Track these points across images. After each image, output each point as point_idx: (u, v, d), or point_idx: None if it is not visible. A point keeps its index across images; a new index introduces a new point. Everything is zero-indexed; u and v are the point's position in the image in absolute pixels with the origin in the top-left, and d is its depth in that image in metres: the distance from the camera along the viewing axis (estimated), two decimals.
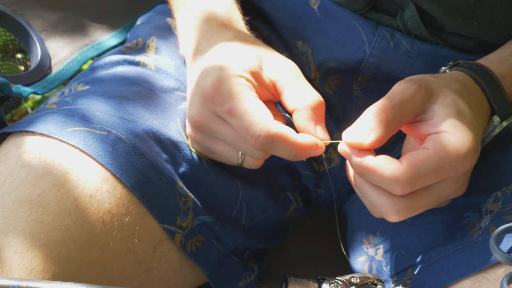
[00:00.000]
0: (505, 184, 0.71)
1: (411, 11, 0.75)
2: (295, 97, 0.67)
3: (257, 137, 0.63)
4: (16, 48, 1.02)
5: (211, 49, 0.71)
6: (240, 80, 0.66)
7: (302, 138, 0.65)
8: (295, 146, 0.64)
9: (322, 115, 0.68)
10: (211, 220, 0.75)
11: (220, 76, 0.65)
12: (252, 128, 0.63)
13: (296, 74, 0.69)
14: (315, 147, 0.65)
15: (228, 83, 0.65)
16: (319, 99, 0.67)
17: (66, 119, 0.70)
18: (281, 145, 0.64)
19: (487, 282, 0.64)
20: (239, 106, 0.64)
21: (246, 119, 0.63)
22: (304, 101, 0.67)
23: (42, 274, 0.61)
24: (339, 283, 0.62)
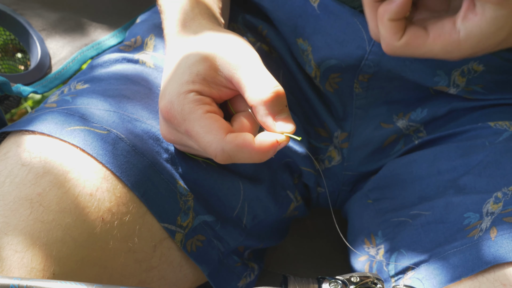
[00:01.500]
0: (505, 185, 0.71)
1: None
2: (250, 94, 0.64)
3: (215, 157, 0.63)
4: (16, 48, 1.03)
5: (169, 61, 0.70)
6: (188, 97, 0.64)
7: (258, 142, 0.63)
8: (254, 152, 0.63)
9: (281, 105, 0.64)
10: (212, 219, 0.75)
11: (170, 98, 0.65)
12: (207, 149, 0.63)
13: (249, 66, 0.65)
14: (276, 144, 0.63)
15: (178, 104, 0.64)
16: (274, 90, 0.63)
17: (66, 118, 0.70)
18: (241, 156, 0.63)
19: (487, 282, 0.65)
20: (192, 128, 0.64)
21: (200, 141, 0.63)
22: (258, 97, 0.64)
23: (42, 273, 0.61)
24: (339, 282, 0.62)
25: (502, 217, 0.68)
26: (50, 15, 1.01)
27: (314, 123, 0.88)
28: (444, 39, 0.64)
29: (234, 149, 0.62)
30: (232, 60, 0.65)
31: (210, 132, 0.63)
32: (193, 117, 0.63)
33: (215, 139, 0.62)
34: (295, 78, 0.87)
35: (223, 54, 0.66)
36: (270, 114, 0.64)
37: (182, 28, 0.72)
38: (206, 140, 0.63)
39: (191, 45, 0.69)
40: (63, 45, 0.98)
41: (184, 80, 0.65)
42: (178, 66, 0.67)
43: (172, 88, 0.65)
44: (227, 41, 0.68)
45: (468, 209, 0.72)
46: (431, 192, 0.77)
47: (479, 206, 0.71)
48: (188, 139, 0.66)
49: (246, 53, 0.66)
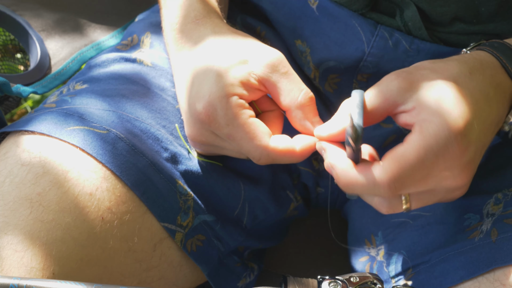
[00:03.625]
0: (506, 186, 0.71)
1: (412, 12, 0.75)
2: (285, 97, 0.68)
3: (258, 160, 0.66)
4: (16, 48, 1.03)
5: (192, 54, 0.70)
6: (232, 101, 0.65)
7: (300, 145, 0.67)
8: (296, 155, 0.67)
9: (314, 111, 0.68)
10: (212, 219, 0.75)
11: (211, 100, 0.65)
12: (251, 153, 0.66)
13: (283, 70, 0.68)
14: (314, 147, 0.67)
15: (221, 108, 0.65)
16: (308, 96, 0.67)
17: (65, 118, 0.70)
18: (283, 159, 0.67)
19: (487, 282, 0.65)
20: (236, 133, 0.65)
21: (245, 145, 0.66)
22: (295, 101, 0.67)
23: (42, 272, 0.61)
24: (338, 283, 0.62)
25: (503, 219, 0.68)
26: (49, 16, 1.01)
27: None
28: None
29: (279, 155, 0.66)
30: (266, 64, 0.67)
31: (255, 138, 0.65)
32: (238, 122, 0.65)
33: (260, 146, 0.65)
34: None
35: (255, 58, 0.68)
36: (307, 118, 0.67)
37: (194, 25, 0.73)
38: (251, 146, 0.65)
39: (218, 47, 0.69)
40: (63, 45, 0.98)
41: (225, 83, 0.66)
42: (210, 68, 0.67)
43: (211, 90, 0.66)
44: (254, 45, 0.70)
45: (469, 210, 0.72)
46: None
47: (480, 207, 0.71)
48: (223, 141, 0.68)
49: (277, 57, 0.68)
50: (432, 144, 0.58)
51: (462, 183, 0.62)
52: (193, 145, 0.73)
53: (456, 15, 0.75)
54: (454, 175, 0.60)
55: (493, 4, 0.73)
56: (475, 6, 0.73)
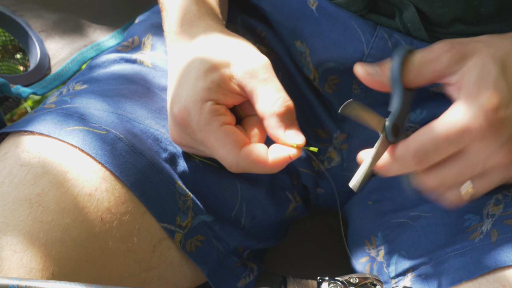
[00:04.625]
0: (506, 187, 0.71)
1: (411, 13, 0.75)
2: (261, 105, 0.66)
3: (230, 168, 0.66)
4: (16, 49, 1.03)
5: (179, 58, 0.70)
6: (205, 106, 0.65)
7: (272, 158, 0.65)
8: (269, 166, 0.66)
9: (291, 119, 0.67)
10: (211, 219, 0.75)
11: (186, 104, 0.65)
12: (223, 161, 0.66)
13: (262, 77, 0.66)
14: (288, 159, 0.66)
15: (195, 113, 0.65)
16: (285, 105, 0.66)
17: (64, 118, 0.70)
18: (255, 169, 0.66)
19: (487, 283, 0.65)
20: (207, 139, 0.65)
21: (215, 153, 0.66)
22: (270, 109, 0.66)
23: (41, 273, 0.61)
24: (338, 283, 0.61)
25: (503, 220, 0.68)
26: (49, 16, 1.01)
27: (313, 124, 0.88)
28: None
29: (248, 165, 0.65)
30: (247, 69, 0.66)
31: (225, 146, 0.65)
32: (209, 129, 0.65)
33: (230, 154, 0.65)
34: (294, 80, 0.87)
35: (237, 62, 0.67)
36: (281, 126, 0.66)
37: (188, 26, 0.72)
38: (221, 153, 0.65)
39: (203, 48, 0.69)
40: (63, 46, 0.98)
41: (200, 87, 0.65)
42: (191, 69, 0.67)
43: (187, 93, 0.66)
44: (241, 48, 0.69)
45: (469, 211, 0.72)
46: None
47: (480, 208, 0.71)
48: (200, 145, 0.68)
49: (260, 63, 0.67)
50: (459, 121, 0.60)
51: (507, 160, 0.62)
52: (181, 147, 0.73)
53: (455, 16, 0.75)
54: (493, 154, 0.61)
55: (492, 5, 0.73)
56: (474, 7, 0.73)
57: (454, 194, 0.64)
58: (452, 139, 0.60)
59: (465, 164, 0.62)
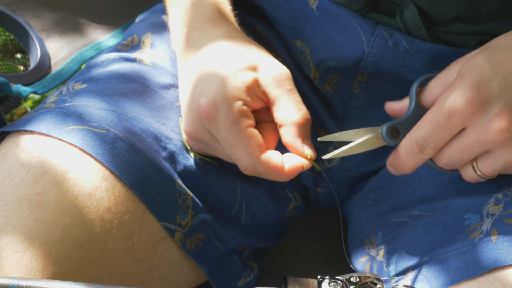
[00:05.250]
0: (506, 186, 0.71)
1: (412, 12, 0.75)
2: (283, 113, 0.69)
3: (245, 170, 0.68)
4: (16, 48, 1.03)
5: (203, 52, 0.71)
6: (235, 105, 0.66)
7: (289, 167, 0.69)
8: (284, 174, 0.69)
9: (308, 132, 0.71)
10: (211, 218, 0.75)
11: (215, 100, 0.66)
12: (240, 162, 0.67)
13: (288, 87, 0.70)
14: (301, 169, 0.70)
15: (224, 110, 0.66)
16: (306, 117, 0.70)
17: (64, 118, 0.70)
18: (269, 175, 0.68)
19: (487, 282, 0.64)
20: (231, 138, 0.66)
21: (235, 153, 0.67)
22: (291, 118, 0.69)
23: (42, 273, 0.61)
24: (338, 283, 0.61)
25: (502, 219, 0.68)
26: (49, 16, 1.01)
27: (314, 124, 0.88)
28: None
29: (265, 170, 0.67)
30: (274, 77, 0.69)
31: (247, 148, 0.66)
32: (235, 128, 0.66)
33: (250, 156, 0.67)
34: (294, 79, 0.86)
35: (264, 68, 0.70)
36: (299, 137, 0.69)
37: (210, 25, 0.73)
38: (242, 154, 0.67)
39: (231, 49, 0.70)
40: (63, 45, 0.98)
41: (231, 86, 0.67)
42: (219, 66, 0.68)
43: (217, 89, 0.66)
44: (265, 55, 0.71)
45: (469, 210, 0.71)
46: (432, 193, 0.77)
47: (480, 207, 0.71)
48: (217, 143, 0.69)
49: (285, 73, 0.71)
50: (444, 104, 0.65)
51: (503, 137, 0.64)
52: (188, 142, 0.73)
53: (456, 15, 0.75)
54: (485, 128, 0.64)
55: (493, 4, 0.73)
56: (475, 6, 0.73)
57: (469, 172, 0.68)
58: (442, 123, 0.64)
59: (462, 142, 0.65)
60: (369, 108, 0.85)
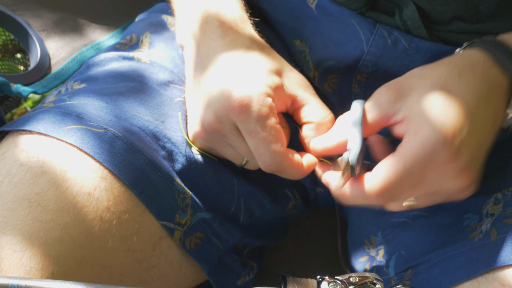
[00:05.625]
0: (505, 186, 0.71)
1: (411, 11, 0.75)
2: (314, 112, 0.72)
3: (268, 166, 0.68)
4: (16, 48, 1.03)
5: (229, 50, 0.71)
6: (268, 100, 0.67)
7: (306, 162, 0.70)
8: (302, 171, 0.70)
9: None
10: (210, 217, 0.75)
11: (249, 92, 0.66)
12: (265, 156, 0.67)
13: (312, 92, 0.73)
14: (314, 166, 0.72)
15: (257, 102, 0.66)
16: (332, 117, 0.72)
17: (62, 117, 0.70)
18: (289, 172, 0.69)
19: (486, 282, 0.65)
20: (260, 131, 0.66)
21: (263, 146, 0.67)
22: (323, 118, 0.71)
23: (41, 272, 0.61)
24: (338, 283, 0.61)
25: (502, 219, 0.68)
26: (49, 16, 1.01)
27: None
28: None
29: (289, 165, 0.68)
30: (299, 83, 0.73)
31: (276, 143, 0.67)
32: (267, 123, 0.66)
33: (277, 151, 0.67)
34: None
35: (290, 75, 0.72)
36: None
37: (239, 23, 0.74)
38: (269, 149, 0.67)
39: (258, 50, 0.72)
40: (63, 45, 0.98)
41: (265, 82, 0.68)
42: (249, 64, 0.69)
43: (250, 84, 0.67)
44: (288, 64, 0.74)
45: (468, 210, 0.72)
46: None
47: (479, 207, 0.71)
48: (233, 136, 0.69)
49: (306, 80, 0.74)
50: (419, 155, 0.61)
51: (464, 185, 0.64)
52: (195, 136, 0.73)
53: (455, 14, 0.75)
54: (451, 179, 0.62)
55: (492, 3, 0.73)
56: (474, 5, 0.73)
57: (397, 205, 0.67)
58: (414, 174, 0.61)
59: (422, 189, 0.63)
60: None
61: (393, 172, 0.61)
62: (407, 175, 0.61)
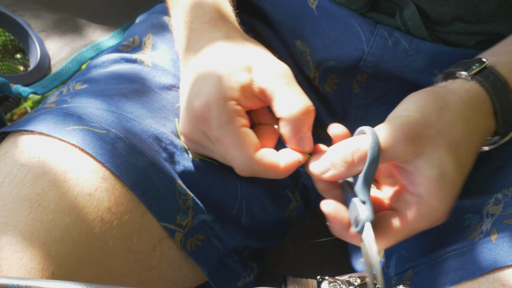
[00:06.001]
0: (506, 186, 0.71)
1: (411, 11, 0.75)
2: (281, 106, 0.66)
3: (240, 170, 0.66)
4: (16, 48, 1.03)
5: (201, 54, 0.70)
6: (229, 105, 0.65)
7: (284, 163, 0.66)
8: (280, 171, 0.66)
9: (308, 124, 0.67)
10: (211, 219, 0.75)
11: (208, 100, 0.65)
12: (235, 162, 0.66)
13: (285, 81, 0.67)
14: (298, 164, 0.67)
15: (217, 109, 0.65)
16: (305, 108, 0.65)
17: (64, 118, 0.70)
18: (266, 174, 0.67)
19: (487, 282, 0.64)
20: (225, 137, 0.65)
21: (230, 152, 0.65)
22: (290, 111, 0.65)
23: (41, 273, 0.61)
24: (338, 283, 0.61)
25: (502, 219, 0.68)
26: (49, 16, 1.01)
27: (314, 124, 0.87)
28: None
29: (261, 168, 0.66)
30: (269, 73, 0.67)
31: (241, 147, 0.65)
32: (228, 127, 0.65)
33: (244, 155, 0.65)
34: None
35: (259, 66, 0.68)
36: (297, 131, 0.66)
37: (210, 26, 0.73)
38: (236, 154, 0.65)
39: (227, 50, 0.69)
40: (62, 46, 0.98)
41: (226, 86, 0.66)
42: (214, 68, 0.67)
43: (211, 90, 0.66)
44: (262, 54, 0.69)
45: (469, 210, 0.71)
46: None
47: (479, 207, 0.71)
48: (212, 144, 0.68)
49: (281, 68, 0.68)
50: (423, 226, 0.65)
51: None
52: (186, 143, 0.73)
53: (456, 15, 0.75)
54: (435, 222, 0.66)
55: (492, 3, 0.73)
56: (474, 5, 0.73)
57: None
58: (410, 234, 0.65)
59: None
60: (369, 108, 0.85)
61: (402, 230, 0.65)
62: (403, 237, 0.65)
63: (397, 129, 0.63)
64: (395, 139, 0.62)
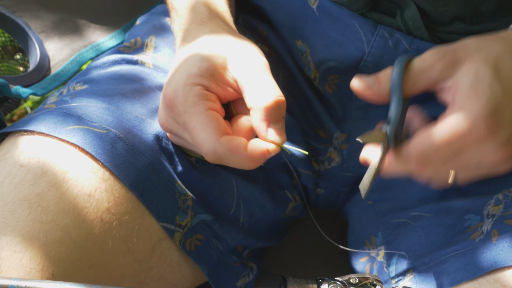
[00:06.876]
0: (506, 187, 0.71)
1: (412, 11, 0.75)
2: (252, 96, 0.65)
3: (206, 155, 0.64)
4: (15, 49, 1.03)
5: (182, 50, 0.71)
6: (194, 89, 0.65)
7: (250, 149, 0.64)
8: (245, 158, 0.64)
9: (279, 115, 0.65)
10: (210, 218, 0.75)
11: (175, 86, 0.65)
12: (200, 146, 0.64)
13: (258, 72, 0.66)
14: (267, 153, 0.65)
15: (182, 94, 0.65)
16: (275, 99, 0.64)
17: (64, 118, 0.70)
18: (232, 161, 0.64)
19: (487, 283, 0.65)
20: (190, 121, 0.64)
21: (195, 135, 0.64)
22: (260, 101, 0.65)
23: (41, 273, 0.61)
24: (338, 284, 0.61)
25: (503, 220, 0.68)
26: (49, 17, 1.01)
27: (314, 124, 0.88)
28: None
29: (225, 153, 0.63)
30: (242, 62, 0.66)
31: (205, 130, 0.63)
32: (193, 110, 0.64)
33: (209, 138, 0.63)
34: (295, 79, 0.88)
35: (234, 55, 0.67)
36: (266, 120, 0.65)
37: (198, 25, 0.73)
38: (201, 137, 0.64)
39: (205, 42, 0.69)
40: (62, 47, 0.98)
41: (193, 72, 0.66)
42: (189, 57, 0.68)
43: (180, 77, 0.66)
44: (241, 44, 0.69)
45: (469, 210, 0.72)
46: (432, 194, 0.77)
47: (480, 208, 0.71)
48: (184, 132, 0.67)
49: (257, 59, 0.67)
50: (459, 127, 0.61)
51: (503, 158, 0.64)
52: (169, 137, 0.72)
53: (456, 15, 0.75)
54: (490, 153, 0.63)
55: (492, 3, 0.73)
56: (475, 5, 0.74)
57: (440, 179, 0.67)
58: (452, 144, 0.62)
59: (460, 162, 0.64)
60: (369, 108, 0.85)
61: (432, 138, 0.62)
62: (446, 144, 0.62)
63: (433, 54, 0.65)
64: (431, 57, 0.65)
